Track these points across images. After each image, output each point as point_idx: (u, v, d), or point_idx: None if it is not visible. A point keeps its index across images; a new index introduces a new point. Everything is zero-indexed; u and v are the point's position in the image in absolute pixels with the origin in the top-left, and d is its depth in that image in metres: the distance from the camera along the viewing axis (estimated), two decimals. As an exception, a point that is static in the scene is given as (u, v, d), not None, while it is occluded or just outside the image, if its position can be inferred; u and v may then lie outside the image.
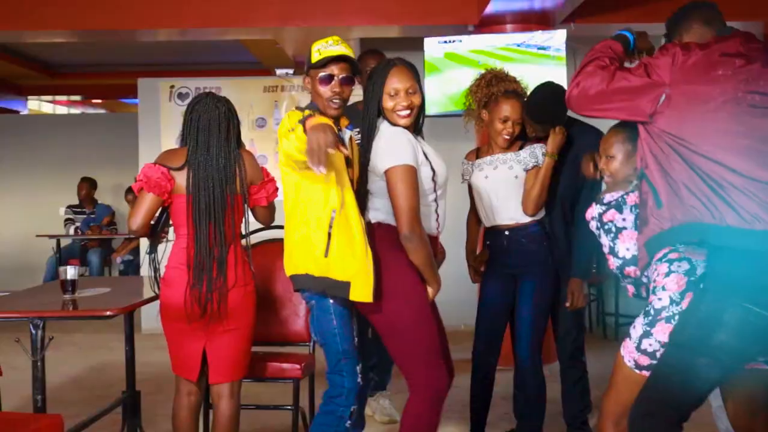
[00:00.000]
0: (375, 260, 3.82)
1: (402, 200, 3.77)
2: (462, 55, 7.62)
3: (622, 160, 3.83)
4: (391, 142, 3.86)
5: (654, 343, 3.39)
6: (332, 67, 3.94)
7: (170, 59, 13.47)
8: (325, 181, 3.79)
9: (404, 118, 3.89)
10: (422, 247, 3.80)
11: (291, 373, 4.72)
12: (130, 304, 4.58)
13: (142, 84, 9.80)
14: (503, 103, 4.69)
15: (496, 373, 4.99)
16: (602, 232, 3.75)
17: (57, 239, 11.25)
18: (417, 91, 3.93)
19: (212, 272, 4.11)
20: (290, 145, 3.67)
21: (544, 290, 4.76)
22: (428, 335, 3.85)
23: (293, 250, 3.93)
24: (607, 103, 3.40)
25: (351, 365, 3.93)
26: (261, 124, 9.48)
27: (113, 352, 8.17)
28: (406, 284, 3.86)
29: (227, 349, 4.24)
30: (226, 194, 4.15)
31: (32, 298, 5.00)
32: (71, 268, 4.74)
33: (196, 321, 4.12)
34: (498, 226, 4.77)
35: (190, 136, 4.20)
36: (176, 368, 4.30)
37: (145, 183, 4.10)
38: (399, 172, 3.78)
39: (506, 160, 4.74)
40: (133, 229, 4.15)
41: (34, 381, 4.28)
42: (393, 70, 3.94)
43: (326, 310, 3.91)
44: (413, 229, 3.76)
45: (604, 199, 3.75)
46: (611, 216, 3.71)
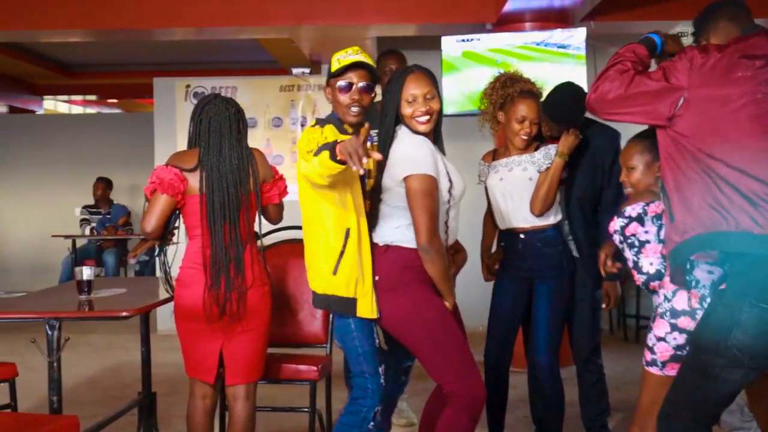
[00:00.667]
0: (388, 284, 3.86)
1: (421, 211, 3.77)
2: (480, 54, 7.61)
3: (642, 170, 3.84)
4: (412, 149, 3.85)
5: (652, 337, 3.57)
6: (351, 75, 3.97)
7: (186, 58, 13.51)
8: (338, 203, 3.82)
9: (424, 124, 3.89)
10: (439, 259, 3.81)
11: (307, 374, 4.73)
12: (146, 305, 4.59)
13: (157, 83, 9.82)
14: (519, 103, 4.67)
15: (515, 376, 4.98)
16: (625, 246, 3.76)
17: (73, 239, 11.29)
18: (435, 96, 3.92)
19: (230, 272, 4.13)
20: (311, 168, 3.64)
21: (561, 293, 4.73)
22: (455, 346, 3.85)
23: (308, 263, 4.00)
24: (626, 107, 3.41)
25: (372, 367, 3.95)
26: (277, 124, 9.50)
27: (129, 353, 8.20)
28: (422, 303, 3.86)
29: (244, 350, 4.25)
30: (240, 194, 4.17)
31: (48, 298, 5.02)
32: (87, 269, 4.76)
33: (214, 322, 4.13)
34: (514, 228, 4.76)
35: (202, 137, 4.22)
36: (191, 370, 4.31)
37: (158, 184, 4.11)
38: (419, 181, 3.78)
39: (521, 161, 4.72)
40: (147, 231, 4.17)
41: (50, 382, 4.30)
42: (410, 76, 3.94)
43: (345, 321, 3.96)
44: (431, 241, 3.76)
45: (625, 212, 3.75)
46: (633, 229, 3.71)
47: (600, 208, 4.85)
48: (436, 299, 3.90)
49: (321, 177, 3.60)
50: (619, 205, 4.61)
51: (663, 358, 3.56)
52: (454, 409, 3.86)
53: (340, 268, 3.86)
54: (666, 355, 3.55)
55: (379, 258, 3.89)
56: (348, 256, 3.85)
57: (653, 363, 3.61)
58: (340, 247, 3.85)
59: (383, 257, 3.89)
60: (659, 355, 3.58)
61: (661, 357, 3.57)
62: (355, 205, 3.86)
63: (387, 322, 3.93)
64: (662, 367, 3.57)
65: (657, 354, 3.59)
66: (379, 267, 3.88)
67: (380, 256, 3.89)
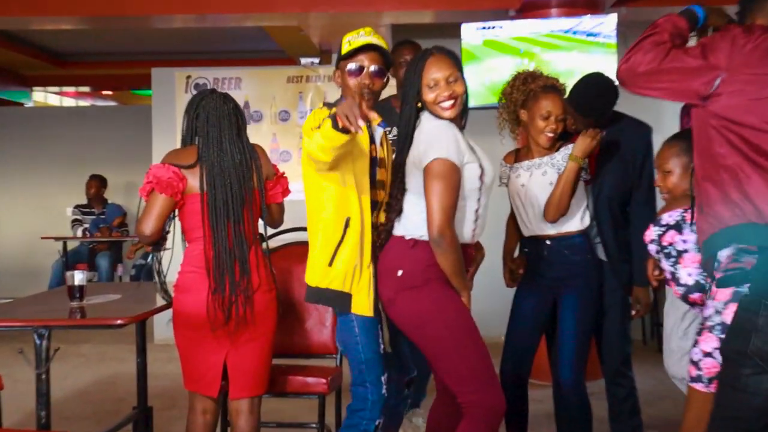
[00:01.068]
0: (411, 281, 3.85)
1: (435, 199, 3.76)
2: (503, 43, 7.60)
3: (680, 174, 3.83)
4: (432, 134, 3.86)
5: (698, 352, 3.49)
6: (362, 57, 3.99)
7: (186, 47, 13.51)
8: (342, 185, 3.83)
9: (449, 109, 3.89)
10: (452, 251, 3.79)
11: (316, 387, 4.73)
12: (143, 312, 4.59)
13: (156, 74, 9.85)
14: (543, 98, 4.63)
15: (540, 390, 4.96)
16: (662, 257, 3.73)
17: (63, 242, 11.32)
18: (459, 79, 3.92)
19: (235, 274, 4.12)
20: (314, 143, 3.68)
21: (589, 304, 4.69)
22: (476, 354, 3.85)
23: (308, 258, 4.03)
24: (657, 82, 3.40)
25: (375, 376, 3.95)
26: (284, 118, 9.50)
27: (123, 364, 8.21)
28: (444, 304, 3.86)
29: (251, 360, 4.24)
30: (244, 190, 4.18)
31: (37, 305, 5.03)
32: (79, 273, 4.77)
33: (219, 329, 4.12)
34: (539, 235, 4.73)
35: (200, 131, 4.23)
36: (191, 384, 4.29)
37: (155, 184, 4.10)
38: (436, 167, 3.77)
39: (541, 164, 4.69)
40: (146, 234, 4.16)
41: (38, 395, 4.31)
42: (430, 59, 3.93)
43: (348, 319, 3.97)
44: (443, 232, 3.75)
45: (662, 219, 3.73)
46: (670, 238, 3.68)
47: (630, 208, 4.83)
48: (459, 301, 3.89)
49: (324, 151, 3.62)
50: (650, 207, 4.60)
51: (709, 374, 3.53)
52: (470, 420, 3.85)
53: (336, 258, 3.88)
54: (713, 371, 3.52)
55: (404, 252, 3.90)
56: (346, 246, 3.87)
57: (698, 379, 3.56)
58: (339, 236, 3.86)
59: (409, 252, 3.89)
60: (705, 371, 3.54)
61: (707, 373, 3.53)
62: (359, 193, 3.88)
63: (404, 321, 3.93)
64: (708, 383, 3.54)
65: (703, 370, 3.54)
66: (404, 262, 3.88)
67: (406, 250, 3.89)
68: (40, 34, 12.94)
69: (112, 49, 14.23)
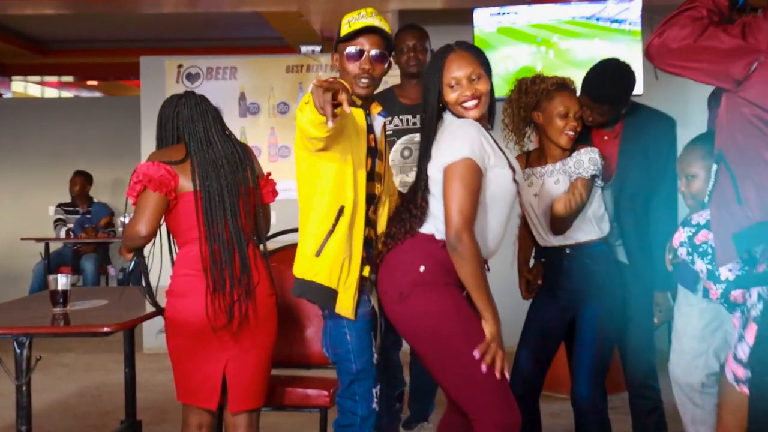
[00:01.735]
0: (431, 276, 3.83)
1: (454, 200, 3.74)
2: (519, 30, 7.60)
3: (705, 177, 3.85)
4: (453, 133, 3.86)
5: (746, 348, 3.42)
6: (362, 40, 4.00)
7: (178, 34, 13.52)
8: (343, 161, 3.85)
9: (472, 109, 3.89)
10: (470, 259, 3.73)
11: (317, 400, 4.73)
12: (131, 319, 4.61)
13: (145, 63, 9.85)
14: (558, 96, 4.62)
15: (558, 403, 4.96)
16: (696, 257, 3.73)
17: (46, 243, 11.34)
18: (482, 76, 3.90)
19: (234, 270, 4.15)
20: (305, 117, 3.69)
21: (609, 317, 4.67)
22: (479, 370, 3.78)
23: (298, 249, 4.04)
24: (690, 60, 3.39)
25: (366, 388, 3.95)
26: (283, 110, 9.52)
27: (110, 375, 8.21)
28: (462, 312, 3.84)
29: (252, 369, 4.27)
30: (238, 181, 4.24)
31: (16, 311, 5.04)
32: (62, 277, 4.78)
33: (221, 332, 4.12)
34: (557, 246, 4.73)
35: (185, 128, 4.30)
36: (186, 396, 4.29)
37: (148, 182, 4.12)
38: (456, 167, 3.76)
39: (553, 172, 4.68)
40: (142, 236, 4.16)
41: (18, 408, 4.32)
42: (450, 56, 3.93)
43: (340, 325, 3.97)
44: (460, 236, 3.71)
45: (692, 220, 3.74)
46: (704, 237, 3.69)
47: (651, 207, 4.80)
48: (475, 315, 3.86)
49: (315, 126, 3.63)
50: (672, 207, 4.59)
51: None
52: None
53: (325, 249, 3.89)
54: None
55: (432, 249, 3.87)
56: (336, 236, 3.88)
57: (745, 380, 3.45)
58: (330, 226, 3.87)
59: (437, 251, 3.85)
60: None
61: None
62: (355, 181, 3.89)
63: (413, 321, 3.87)
64: None
65: None
66: (429, 258, 3.86)
67: (435, 249, 3.86)
68: (20, 19, 12.94)
69: (98, 36, 14.23)
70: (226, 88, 9.49)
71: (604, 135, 4.81)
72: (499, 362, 3.74)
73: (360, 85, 4.00)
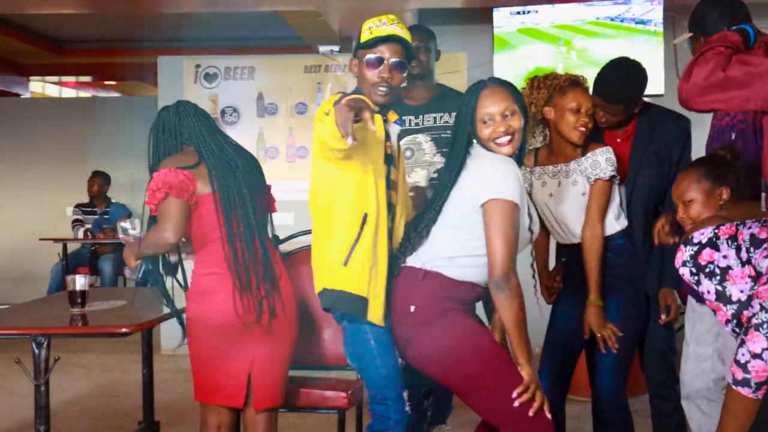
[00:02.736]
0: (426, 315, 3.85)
1: (502, 239, 3.76)
2: (542, 31, 7.58)
3: (703, 200, 3.89)
4: (496, 171, 3.86)
5: (745, 353, 3.49)
6: (382, 48, 4.00)
7: (195, 34, 13.55)
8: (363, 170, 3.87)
9: (506, 145, 3.90)
10: (515, 298, 3.77)
11: (335, 402, 4.74)
12: (149, 319, 4.63)
13: (162, 63, 9.88)
14: (571, 92, 4.60)
15: (577, 406, 4.95)
16: (702, 278, 3.70)
17: (63, 243, 11.38)
18: (516, 112, 3.91)
19: (258, 265, 4.20)
20: (325, 129, 3.70)
21: (633, 311, 4.65)
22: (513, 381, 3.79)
23: (315, 260, 4.05)
24: (724, 91, 3.41)
25: (396, 392, 3.95)
26: (301, 111, 9.53)
27: (128, 376, 8.25)
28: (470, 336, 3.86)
29: (278, 365, 4.32)
30: (255, 181, 4.35)
31: (35, 312, 5.07)
32: (80, 278, 4.80)
33: (250, 328, 4.16)
34: (575, 243, 4.73)
35: (192, 132, 4.35)
36: (209, 395, 4.31)
37: (169, 189, 4.15)
38: (503, 206, 3.78)
39: (569, 172, 4.64)
40: (171, 243, 4.21)
41: (36, 408, 4.34)
42: (484, 91, 3.95)
43: (361, 331, 3.97)
44: (508, 275, 3.75)
45: (693, 238, 3.71)
46: (708, 256, 3.66)
47: (662, 208, 4.79)
48: (483, 329, 3.91)
49: (337, 139, 3.63)
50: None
51: (758, 378, 3.51)
52: None
53: (352, 258, 3.90)
54: (762, 375, 3.50)
55: (414, 285, 3.90)
56: (363, 244, 3.89)
57: (745, 383, 3.53)
58: (355, 234, 3.88)
59: (420, 285, 3.89)
60: (753, 375, 3.52)
61: (756, 377, 3.51)
62: (377, 189, 3.91)
63: (425, 363, 3.92)
64: (756, 388, 3.52)
65: (751, 373, 3.52)
66: (416, 296, 3.89)
67: (416, 283, 3.90)
68: (38, 18, 12.99)
69: (116, 36, 14.27)
70: (243, 88, 9.51)
71: (617, 137, 4.80)
72: (540, 402, 3.78)
73: (378, 94, 4.01)
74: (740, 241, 3.56)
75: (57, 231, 11.89)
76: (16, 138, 13.50)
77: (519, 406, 3.75)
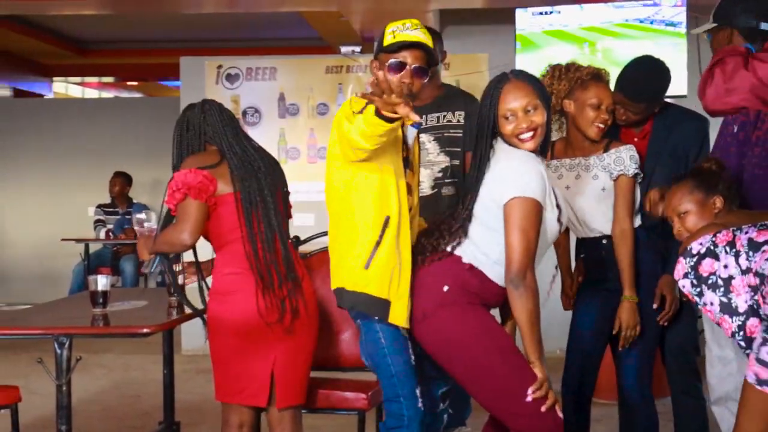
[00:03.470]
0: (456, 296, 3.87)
1: (519, 237, 3.77)
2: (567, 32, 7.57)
3: (697, 210, 3.90)
4: (519, 168, 3.86)
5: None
6: (405, 53, 4.01)
7: (218, 35, 13.60)
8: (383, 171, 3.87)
9: (528, 141, 3.89)
10: (530, 297, 3.78)
11: (355, 403, 4.74)
12: (170, 320, 4.64)
13: (185, 63, 9.90)
14: (593, 86, 4.58)
15: (599, 408, 4.93)
16: (705, 289, 3.64)
17: (85, 244, 11.42)
18: (538, 107, 3.89)
19: (279, 265, 4.23)
20: (355, 128, 3.69)
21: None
22: (521, 376, 3.81)
23: (333, 260, 4.06)
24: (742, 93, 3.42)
25: (409, 389, 3.96)
26: (322, 111, 9.53)
27: (149, 376, 8.27)
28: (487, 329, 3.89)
29: (301, 363, 4.33)
30: (277, 181, 4.36)
31: (57, 312, 5.09)
32: (102, 278, 4.81)
33: (273, 327, 4.17)
34: (593, 236, 4.71)
35: (215, 131, 4.36)
36: (229, 395, 4.32)
37: (188, 190, 4.17)
38: (522, 204, 3.79)
39: (589, 166, 4.63)
40: (187, 244, 4.24)
41: (58, 408, 4.36)
42: (506, 86, 3.92)
43: (372, 330, 3.99)
44: (524, 273, 3.77)
45: (692, 249, 3.67)
46: (709, 267, 3.61)
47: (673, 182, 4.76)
48: (501, 328, 3.95)
49: (367, 138, 3.63)
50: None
51: None
52: None
53: (374, 261, 3.91)
54: None
55: (458, 271, 3.91)
56: (385, 248, 3.90)
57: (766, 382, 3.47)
58: (377, 237, 3.89)
59: (463, 273, 3.91)
60: None
61: None
62: (398, 191, 3.91)
63: (436, 339, 3.93)
64: None
65: None
66: (455, 279, 3.90)
67: (461, 270, 3.91)
68: (61, 20, 13.05)
69: (138, 37, 14.34)
70: (265, 88, 9.52)
71: (633, 135, 4.78)
72: (552, 401, 3.80)
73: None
74: (738, 247, 3.52)
75: (79, 231, 11.93)
76: (39, 138, 13.56)
77: (531, 401, 3.77)
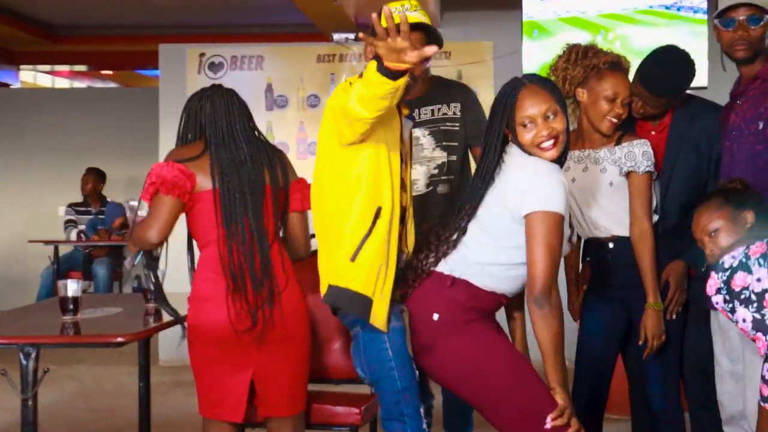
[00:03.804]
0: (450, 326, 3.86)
1: (544, 252, 3.75)
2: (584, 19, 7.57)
3: (728, 226, 3.93)
4: (541, 180, 3.84)
5: None
6: None
7: (200, 20, 13.59)
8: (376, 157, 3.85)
9: (550, 149, 3.87)
10: (555, 317, 3.77)
11: (347, 418, 4.74)
12: (147, 328, 4.64)
13: (164, 51, 9.91)
14: (610, 77, 4.55)
15: (609, 425, 4.93)
16: (737, 305, 3.65)
17: (55, 246, 11.40)
18: (558, 112, 3.87)
19: (255, 271, 4.19)
20: (353, 96, 3.60)
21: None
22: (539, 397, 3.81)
23: (321, 255, 4.04)
24: None
25: (414, 407, 3.94)
26: (313, 103, 9.53)
27: (123, 389, 8.24)
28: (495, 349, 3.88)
29: (284, 376, 4.31)
30: (264, 181, 4.29)
31: (23, 319, 5.08)
32: (72, 283, 4.80)
33: (246, 338, 4.16)
34: (599, 237, 4.71)
35: (207, 122, 4.35)
36: (208, 409, 4.32)
37: (160, 185, 4.16)
38: (546, 219, 3.77)
39: (598, 159, 4.62)
40: (153, 242, 4.23)
41: (23, 425, 4.34)
42: (522, 92, 3.89)
43: (378, 340, 3.94)
44: (549, 291, 3.75)
45: (724, 263, 3.68)
46: (742, 281, 3.62)
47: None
48: (506, 340, 3.93)
49: (367, 103, 3.56)
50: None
51: None
52: None
53: (361, 254, 3.87)
54: None
55: (440, 292, 3.90)
56: (374, 240, 3.87)
57: None
58: (367, 228, 3.86)
59: (446, 292, 3.90)
60: None
61: None
62: (392, 182, 3.89)
63: (445, 373, 3.93)
64: None
65: None
66: (440, 303, 3.89)
67: (442, 290, 3.90)
68: (29, 2, 13.03)
69: (114, 22, 14.30)
70: (251, 78, 9.51)
71: (650, 129, 4.76)
72: (575, 429, 3.79)
73: None
74: None
75: (48, 232, 11.94)
76: (4, 132, 13.57)
77: (551, 429, 3.75)
